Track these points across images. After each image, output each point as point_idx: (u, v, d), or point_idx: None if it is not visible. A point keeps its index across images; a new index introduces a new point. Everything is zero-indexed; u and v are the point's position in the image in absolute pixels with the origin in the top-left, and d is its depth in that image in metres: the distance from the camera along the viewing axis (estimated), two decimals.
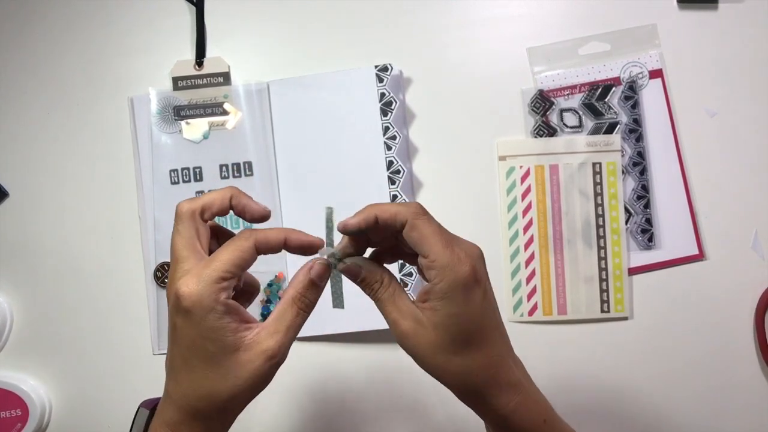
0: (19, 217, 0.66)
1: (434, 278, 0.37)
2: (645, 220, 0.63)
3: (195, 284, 0.36)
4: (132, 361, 0.64)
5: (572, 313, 0.62)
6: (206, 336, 0.36)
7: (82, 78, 0.66)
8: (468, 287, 0.37)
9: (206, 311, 0.36)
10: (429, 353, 0.37)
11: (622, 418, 0.62)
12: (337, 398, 0.63)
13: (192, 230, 0.39)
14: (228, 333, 0.36)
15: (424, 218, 0.37)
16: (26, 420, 0.62)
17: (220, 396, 0.37)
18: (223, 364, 0.37)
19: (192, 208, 0.39)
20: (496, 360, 0.38)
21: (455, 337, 0.37)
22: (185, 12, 0.67)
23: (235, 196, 0.40)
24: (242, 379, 0.37)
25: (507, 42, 0.64)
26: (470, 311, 0.37)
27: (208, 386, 0.37)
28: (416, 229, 0.37)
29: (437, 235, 0.37)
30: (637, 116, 0.63)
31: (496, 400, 0.38)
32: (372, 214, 0.38)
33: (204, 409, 0.38)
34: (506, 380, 0.38)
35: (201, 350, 0.37)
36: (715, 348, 0.62)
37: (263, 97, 0.64)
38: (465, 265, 0.37)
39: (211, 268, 0.36)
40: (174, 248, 0.38)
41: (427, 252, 0.37)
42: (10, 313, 0.65)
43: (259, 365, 0.37)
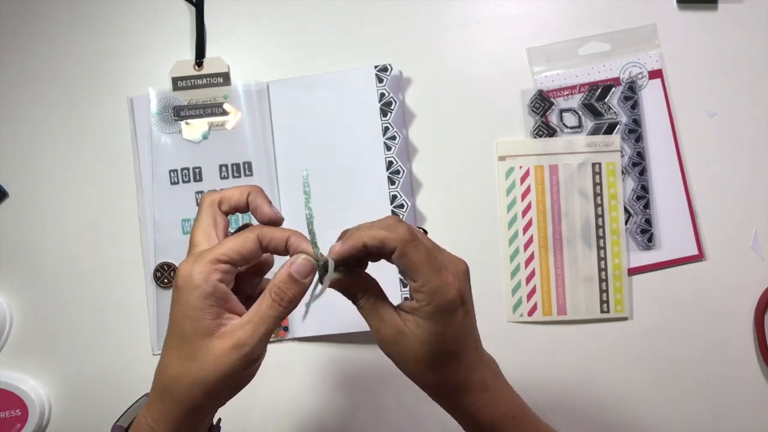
0: (18, 218, 0.66)
1: (422, 300, 0.38)
2: (644, 220, 0.63)
3: (192, 262, 0.37)
4: (132, 361, 0.64)
5: (572, 313, 0.62)
6: (187, 314, 0.37)
7: (81, 78, 0.66)
8: (453, 309, 0.38)
9: (193, 288, 0.37)
10: (407, 362, 0.39)
11: (622, 418, 0.62)
12: (337, 398, 0.63)
13: (210, 218, 0.40)
14: (207, 316, 0.37)
15: (413, 244, 0.37)
16: (26, 420, 0.62)
17: (185, 378, 0.37)
18: (194, 347, 0.37)
19: (212, 199, 0.41)
20: (468, 368, 0.40)
21: (434, 354, 0.39)
22: (185, 12, 0.67)
23: (253, 193, 0.41)
24: (208, 364, 0.37)
25: (507, 42, 0.64)
26: (451, 332, 0.39)
27: (177, 366, 0.38)
28: (406, 256, 0.37)
29: (427, 262, 0.37)
30: (637, 116, 0.63)
31: (463, 400, 0.40)
32: (360, 242, 0.38)
33: (171, 390, 0.38)
34: (475, 384, 0.40)
35: (179, 328, 0.37)
36: (715, 348, 0.62)
37: (263, 97, 0.64)
38: (452, 290, 0.38)
39: (211, 251, 0.38)
40: (191, 235, 0.40)
41: (416, 278, 0.38)
42: (10, 313, 0.65)
43: (225, 353, 0.37)
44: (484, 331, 0.63)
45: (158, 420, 0.39)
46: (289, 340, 0.64)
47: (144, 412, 0.40)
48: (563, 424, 0.62)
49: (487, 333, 0.62)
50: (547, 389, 0.63)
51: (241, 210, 0.41)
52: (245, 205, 0.41)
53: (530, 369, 0.63)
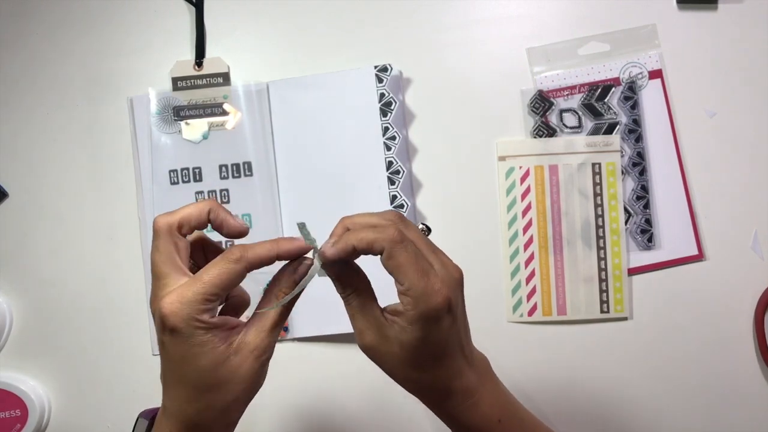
0: (18, 218, 0.66)
1: (407, 305, 0.37)
2: (644, 220, 0.63)
3: (178, 304, 0.35)
4: (131, 361, 0.64)
5: (572, 313, 0.62)
6: (195, 352, 0.36)
7: (81, 78, 0.66)
8: (438, 317, 0.37)
9: (192, 330, 0.36)
10: (391, 366, 0.39)
11: (622, 419, 0.62)
12: (337, 398, 0.63)
13: (170, 245, 0.38)
14: (216, 344, 0.36)
15: (401, 246, 0.37)
16: (25, 420, 0.62)
17: (218, 405, 0.37)
18: (216, 375, 0.37)
19: (169, 223, 0.38)
20: (453, 373, 0.40)
21: (418, 357, 0.38)
22: (185, 12, 0.67)
23: (214, 209, 0.39)
24: (236, 383, 0.37)
25: (507, 42, 0.64)
26: (435, 338, 0.38)
27: (204, 399, 0.37)
28: (393, 258, 0.37)
29: (413, 265, 0.37)
30: (637, 117, 0.63)
31: (448, 404, 0.40)
32: (350, 245, 0.37)
33: (201, 421, 0.38)
34: (460, 387, 0.40)
35: (192, 366, 0.36)
36: (715, 348, 0.62)
37: (263, 97, 0.64)
38: (438, 296, 0.37)
39: (195, 288, 0.36)
40: (154, 265, 0.38)
41: (402, 281, 0.37)
42: (9, 313, 0.65)
43: (249, 365, 0.37)
44: (484, 331, 0.63)
45: None
46: (289, 340, 0.64)
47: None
48: (563, 424, 0.62)
49: (487, 333, 0.63)
50: (547, 389, 0.63)
51: (201, 228, 0.40)
52: (205, 223, 0.39)
53: (530, 369, 0.63)
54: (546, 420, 0.62)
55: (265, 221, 0.63)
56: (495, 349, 0.63)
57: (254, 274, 0.46)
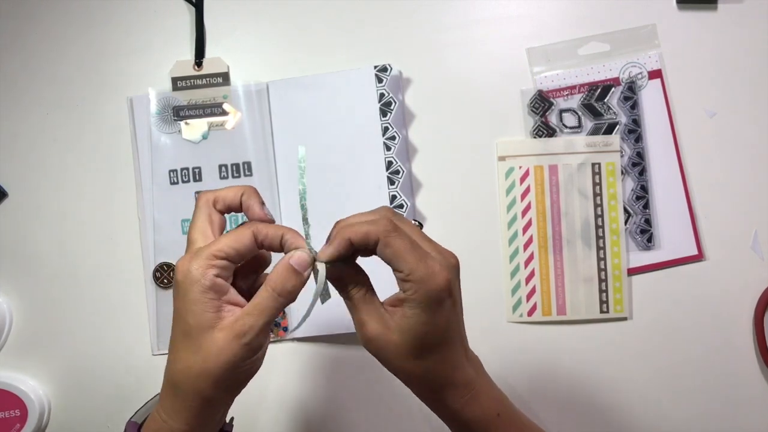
0: (18, 218, 0.66)
1: (409, 290, 0.37)
2: (644, 220, 0.63)
3: (189, 259, 0.38)
4: (132, 361, 0.64)
5: (571, 313, 0.62)
6: (188, 308, 0.38)
7: (81, 78, 0.66)
8: (441, 300, 0.38)
9: (191, 283, 0.37)
10: (392, 356, 0.39)
11: (622, 418, 0.62)
12: (337, 398, 0.63)
13: (205, 217, 0.41)
14: (208, 308, 0.38)
15: (395, 234, 0.38)
16: (25, 420, 0.62)
17: (193, 371, 0.38)
18: (199, 339, 0.38)
19: (207, 198, 0.42)
20: (453, 363, 0.40)
21: (421, 343, 0.39)
22: (185, 12, 0.67)
23: (246, 194, 0.42)
24: (212, 355, 0.37)
25: (506, 42, 0.64)
26: (440, 320, 0.38)
27: (183, 359, 0.38)
28: (389, 246, 0.38)
29: (410, 251, 0.37)
30: (637, 117, 0.63)
31: (448, 397, 0.40)
32: (345, 239, 0.38)
33: (181, 383, 0.39)
34: (461, 380, 0.40)
35: (182, 323, 0.38)
36: (715, 348, 0.62)
37: (262, 97, 0.64)
38: (439, 278, 0.37)
39: (208, 247, 0.38)
40: (188, 233, 0.41)
41: (401, 267, 0.37)
42: (9, 313, 0.65)
43: (228, 343, 0.37)
44: (484, 331, 0.63)
45: (171, 414, 0.39)
46: (289, 340, 0.64)
47: (158, 408, 0.41)
48: (563, 423, 0.62)
49: (487, 333, 0.63)
50: (546, 389, 0.63)
51: (235, 209, 0.42)
52: (239, 205, 0.42)
53: (530, 369, 0.63)
54: (546, 420, 0.62)
55: None
56: (495, 349, 0.63)
57: None
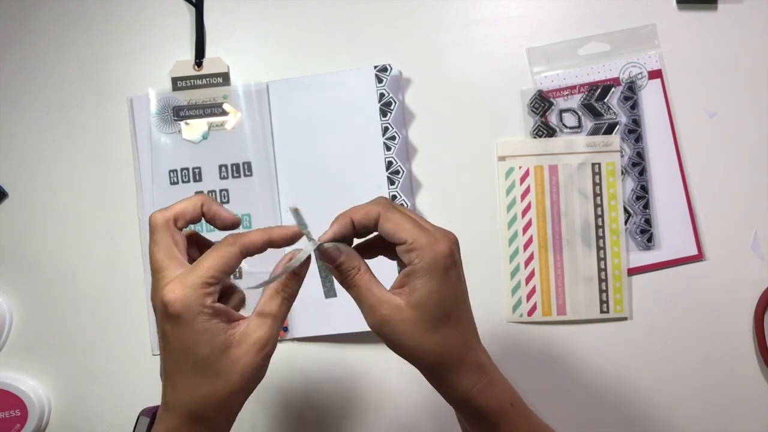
0: (18, 218, 0.66)
1: (414, 259, 0.38)
2: (644, 220, 0.63)
3: (180, 290, 0.36)
4: (131, 361, 0.64)
5: (571, 313, 0.62)
6: (197, 339, 0.37)
7: (81, 78, 0.66)
8: (447, 266, 0.38)
9: (194, 315, 0.36)
10: (407, 334, 0.38)
11: (622, 419, 0.62)
12: (337, 398, 0.63)
13: (168, 239, 0.39)
14: (218, 332, 0.37)
15: (394, 209, 0.39)
16: (25, 420, 0.62)
17: (218, 396, 0.37)
18: (217, 364, 0.37)
19: (165, 217, 0.40)
20: (468, 340, 0.40)
21: (434, 313, 0.38)
22: (185, 12, 0.67)
23: (206, 203, 0.41)
24: (237, 374, 0.37)
25: (506, 42, 0.64)
26: (449, 289, 0.38)
27: (205, 389, 0.37)
28: (389, 219, 0.38)
29: (409, 221, 0.38)
30: (637, 117, 0.63)
31: (463, 380, 0.39)
32: (347, 218, 0.39)
33: (203, 411, 0.38)
34: (474, 362, 0.40)
35: (193, 354, 0.37)
36: (715, 348, 0.62)
37: (262, 97, 0.64)
38: (442, 245, 0.38)
39: (196, 273, 0.37)
40: (153, 259, 0.39)
41: (404, 238, 0.38)
42: (9, 313, 0.65)
43: (251, 357, 0.37)
44: (484, 331, 0.63)
45: None
46: (289, 340, 0.64)
47: None
48: (563, 424, 0.62)
49: (487, 333, 0.62)
50: (546, 389, 0.63)
51: (196, 222, 0.41)
52: (200, 216, 0.41)
53: (530, 369, 0.63)
54: (545, 420, 0.62)
55: (264, 221, 0.63)
56: (495, 349, 0.63)
57: (254, 274, 0.46)
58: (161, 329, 0.38)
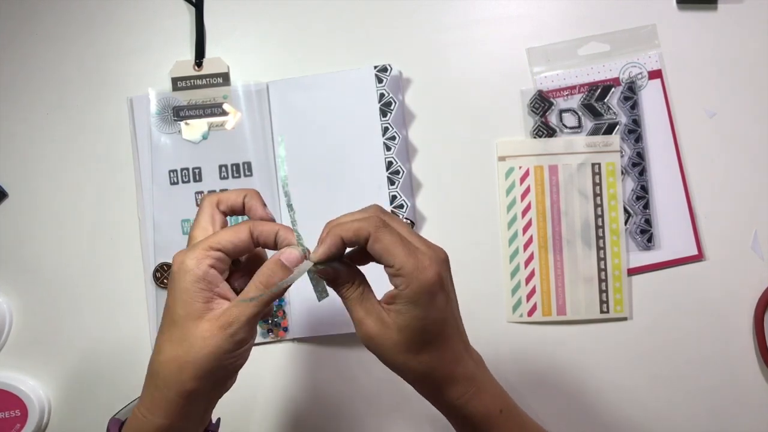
0: (18, 218, 0.66)
1: (400, 285, 0.38)
2: (644, 220, 0.63)
3: (186, 250, 0.40)
4: (131, 361, 0.64)
5: (571, 313, 0.62)
6: (179, 298, 0.38)
7: (81, 78, 0.66)
8: (433, 293, 0.38)
9: (185, 272, 0.38)
10: (392, 353, 0.39)
11: (622, 419, 0.62)
12: (336, 398, 0.63)
13: (208, 216, 0.42)
14: (198, 299, 0.38)
15: (385, 230, 0.38)
16: (25, 420, 0.62)
17: (175, 361, 0.38)
18: (184, 329, 0.38)
19: (211, 200, 0.43)
20: (454, 357, 0.40)
21: (418, 338, 0.39)
22: (185, 12, 0.67)
23: (249, 196, 0.43)
24: (196, 345, 0.38)
25: (506, 42, 0.64)
26: (434, 315, 0.39)
27: (167, 349, 0.39)
28: (378, 241, 0.38)
29: (399, 245, 0.38)
30: (637, 117, 0.63)
31: (450, 392, 0.40)
32: (337, 237, 0.39)
33: (162, 375, 0.39)
34: (462, 375, 0.41)
35: (172, 313, 0.39)
36: (715, 348, 0.62)
37: (262, 97, 0.64)
38: (429, 272, 0.38)
39: (205, 239, 0.40)
40: (190, 231, 0.43)
41: (392, 262, 0.38)
42: (9, 313, 0.65)
43: (212, 333, 0.38)
44: (484, 331, 0.63)
45: (152, 408, 0.39)
46: (289, 340, 0.64)
47: (138, 405, 0.41)
48: (563, 424, 0.62)
49: (487, 333, 0.63)
50: (546, 389, 0.63)
51: (238, 211, 0.43)
52: (241, 207, 0.43)
53: (530, 369, 0.63)
54: (545, 420, 0.62)
55: None
56: (495, 350, 0.63)
57: None
58: None
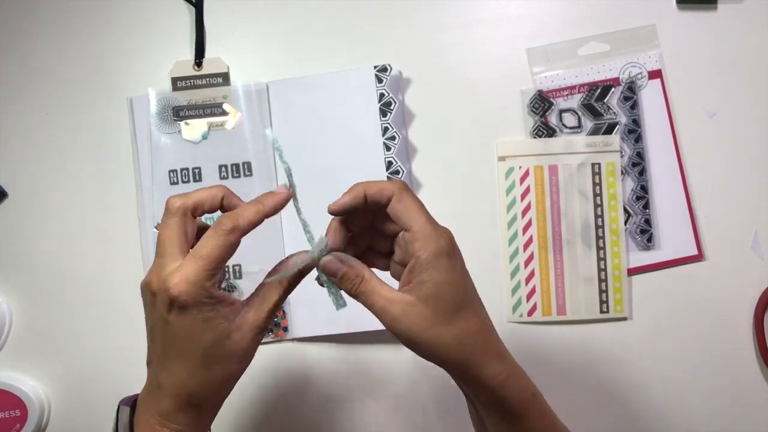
0: (18, 218, 0.66)
1: (418, 249, 0.38)
2: (644, 220, 0.63)
3: (185, 286, 0.37)
4: (131, 361, 0.64)
5: (571, 313, 0.62)
6: (201, 327, 0.38)
7: (81, 78, 0.66)
8: (450, 256, 0.39)
9: (200, 306, 0.37)
10: (423, 329, 0.38)
11: (622, 419, 0.62)
12: (336, 399, 0.63)
13: (181, 226, 0.39)
14: (221, 320, 0.38)
15: (408, 193, 0.40)
16: (25, 420, 0.62)
17: (219, 378, 0.39)
18: (220, 350, 0.38)
19: (184, 205, 0.40)
20: (486, 327, 0.40)
21: (447, 304, 0.38)
22: (184, 12, 0.67)
23: (227, 196, 0.41)
24: (236, 357, 0.39)
25: (506, 42, 0.64)
26: (456, 278, 0.39)
27: (208, 372, 0.39)
28: (402, 201, 0.39)
29: (421, 209, 0.39)
30: (636, 117, 0.63)
31: (487, 370, 0.39)
32: (361, 190, 0.39)
33: (203, 394, 0.39)
34: (495, 349, 0.40)
35: (199, 341, 0.38)
36: (715, 348, 0.62)
37: (262, 97, 0.64)
38: (445, 237, 0.39)
39: (197, 266, 0.37)
40: (161, 241, 0.39)
41: (412, 224, 0.39)
42: (9, 313, 0.65)
43: (248, 341, 0.39)
44: None
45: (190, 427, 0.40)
46: (289, 340, 0.64)
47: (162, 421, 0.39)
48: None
49: None
50: (546, 389, 0.62)
51: (213, 212, 0.42)
52: (218, 208, 0.41)
53: (530, 369, 0.62)
54: None
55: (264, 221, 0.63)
56: None
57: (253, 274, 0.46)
58: (162, 317, 0.38)
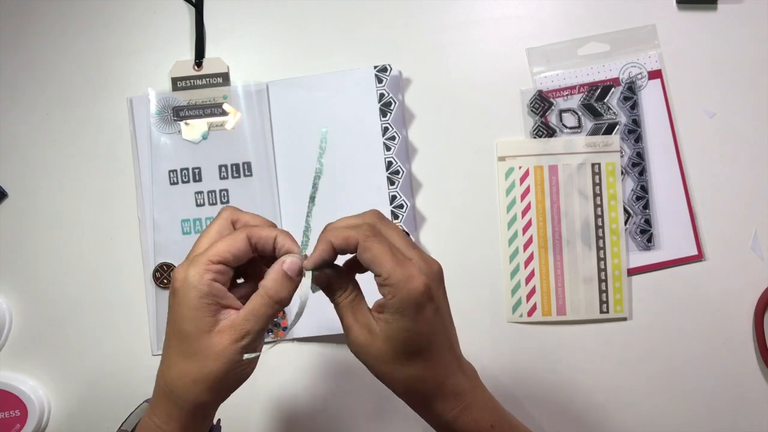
0: (18, 218, 0.66)
1: (387, 294, 0.38)
2: (644, 220, 0.63)
3: (186, 266, 0.38)
4: (131, 361, 0.64)
5: (571, 313, 0.62)
6: (186, 315, 0.38)
7: (81, 78, 0.66)
8: (420, 304, 0.38)
9: (189, 289, 0.37)
10: (378, 362, 0.39)
11: (622, 419, 0.62)
12: (336, 398, 0.63)
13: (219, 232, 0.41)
14: (206, 314, 0.38)
15: (374, 239, 0.38)
16: (25, 420, 0.62)
17: (189, 376, 0.38)
18: (195, 344, 0.38)
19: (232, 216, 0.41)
20: (442, 371, 0.40)
21: (404, 349, 0.38)
22: (184, 12, 0.67)
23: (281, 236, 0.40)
24: (210, 359, 0.38)
25: (506, 42, 0.64)
26: (421, 327, 0.38)
27: (181, 366, 0.39)
28: (367, 250, 0.38)
29: (388, 255, 0.38)
30: (636, 117, 0.63)
31: (440, 407, 0.40)
32: (328, 244, 0.39)
33: (177, 389, 0.39)
34: (451, 389, 0.40)
35: (181, 330, 0.38)
36: (714, 348, 0.62)
37: (262, 97, 0.64)
38: (417, 282, 0.37)
39: (204, 252, 0.39)
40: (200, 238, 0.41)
41: (379, 271, 0.38)
42: (9, 313, 0.65)
43: (224, 347, 0.38)
44: (484, 331, 0.63)
45: (167, 419, 0.40)
46: (288, 340, 0.64)
47: (149, 413, 0.41)
48: (562, 424, 0.62)
49: (487, 333, 0.63)
50: (546, 389, 0.63)
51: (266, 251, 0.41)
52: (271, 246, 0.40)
53: (529, 369, 0.63)
54: (545, 420, 0.62)
55: None
56: (494, 350, 0.63)
57: None
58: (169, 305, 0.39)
